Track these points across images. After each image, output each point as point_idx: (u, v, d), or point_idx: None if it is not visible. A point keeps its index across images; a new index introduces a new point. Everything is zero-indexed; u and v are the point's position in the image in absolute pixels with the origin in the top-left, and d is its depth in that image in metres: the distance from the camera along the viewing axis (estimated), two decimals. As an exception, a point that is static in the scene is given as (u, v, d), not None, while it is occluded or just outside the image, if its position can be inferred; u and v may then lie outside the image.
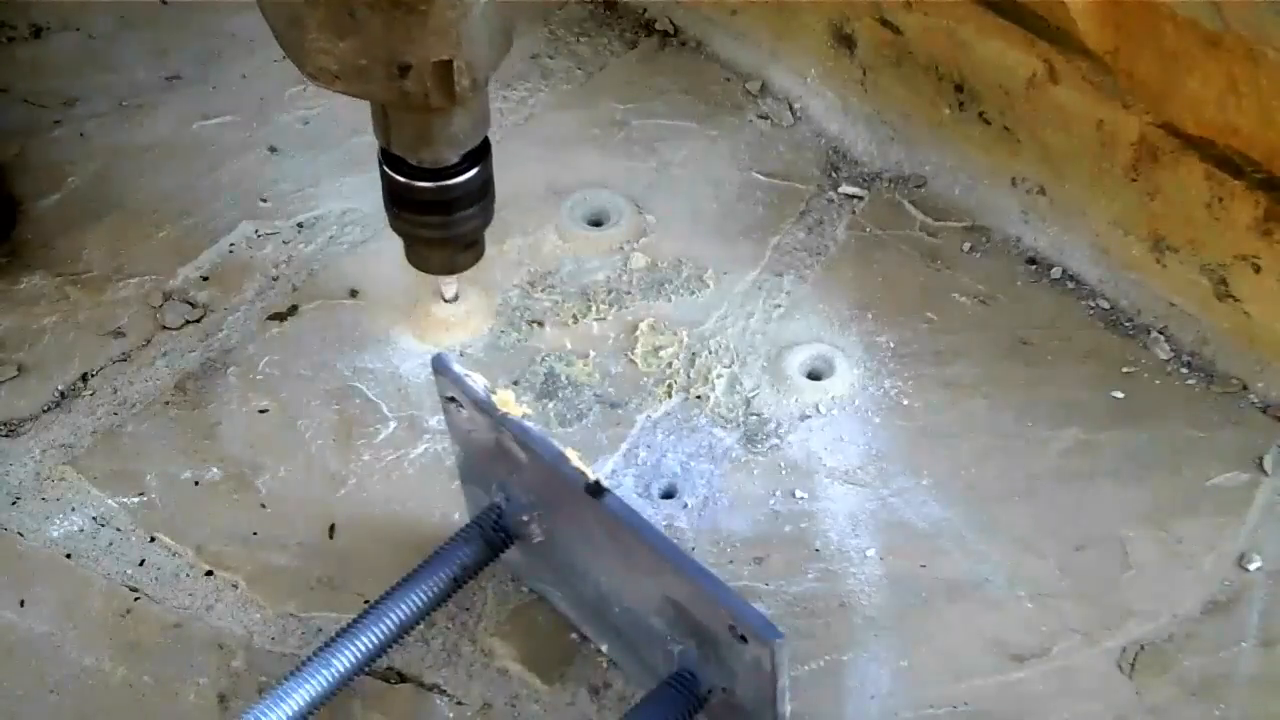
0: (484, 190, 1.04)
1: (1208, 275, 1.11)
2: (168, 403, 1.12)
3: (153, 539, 1.04)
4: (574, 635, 0.98)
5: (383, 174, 1.03)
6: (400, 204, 1.04)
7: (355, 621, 0.89)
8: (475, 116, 0.98)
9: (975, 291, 1.18)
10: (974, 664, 0.96)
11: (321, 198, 1.27)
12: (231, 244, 1.23)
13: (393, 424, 1.10)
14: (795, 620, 0.98)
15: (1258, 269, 1.08)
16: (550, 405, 1.11)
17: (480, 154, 1.01)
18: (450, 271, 1.10)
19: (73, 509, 1.06)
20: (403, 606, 0.90)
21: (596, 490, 0.83)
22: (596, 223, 1.24)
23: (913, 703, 0.94)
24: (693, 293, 1.19)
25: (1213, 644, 0.96)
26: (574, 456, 0.85)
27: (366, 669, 0.90)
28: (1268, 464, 1.05)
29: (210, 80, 1.37)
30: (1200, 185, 1.08)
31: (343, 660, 0.88)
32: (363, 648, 0.88)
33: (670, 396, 1.12)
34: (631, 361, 1.14)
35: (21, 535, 1.04)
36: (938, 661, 0.96)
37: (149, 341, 1.16)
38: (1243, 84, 1.00)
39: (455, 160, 1.00)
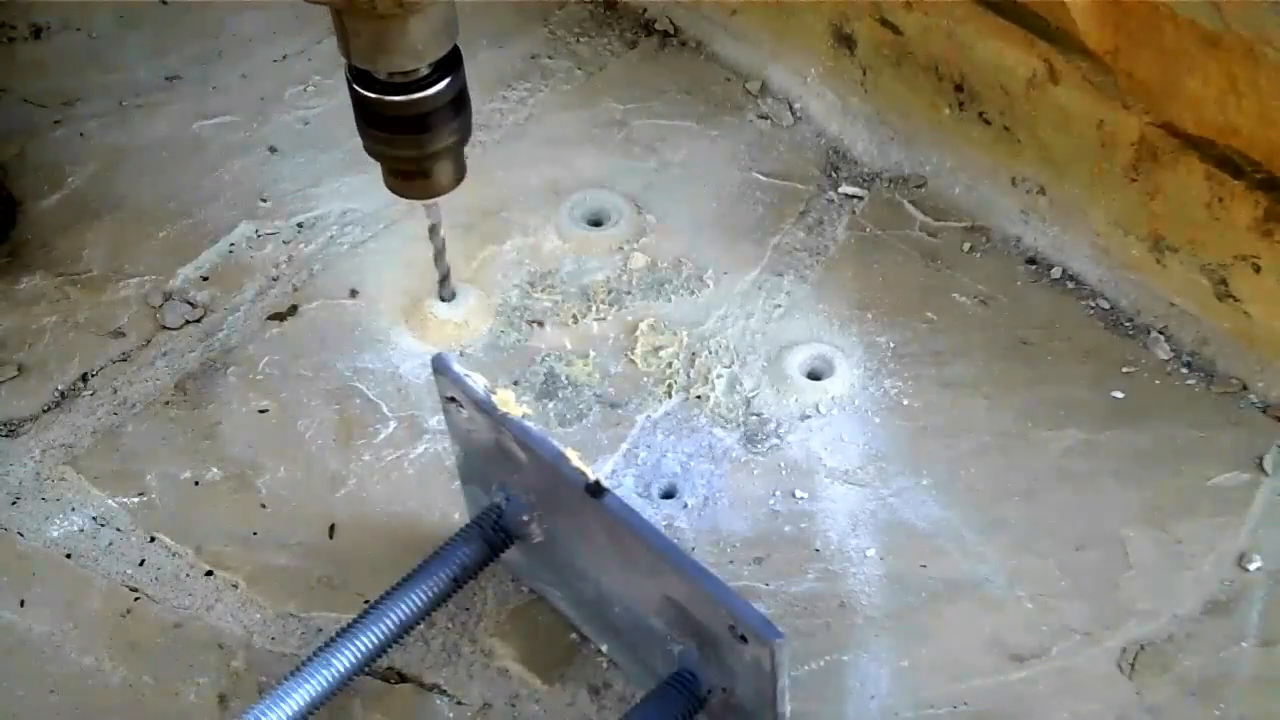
0: (458, 102, 0.98)
1: (1208, 275, 1.11)
2: (168, 403, 1.12)
3: (153, 539, 1.04)
4: (574, 635, 0.98)
5: (351, 91, 0.97)
6: (371, 122, 0.98)
7: (355, 621, 0.89)
8: (434, 24, 0.92)
9: (975, 291, 1.18)
10: (974, 664, 0.96)
11: (321, 198, 1.27)
12: (231, 244, 1.23)
13: (393, 424, 1.10)
14: (795, 620, 0.98)
15: (1258, 269, 1.08)
16: (550, 405, 1.11)
17: (450, 63, 0.96)
18: (429, 195, 1.04)
19: (73, 509, 1.06)
20: (403, 606, 0.90)
21: (596, 490, 0.83)
22: (596, 223, 1.24)
23: (913, 703, 0.94)
24: (693, 293, 1.19)
25: (1213, 644, 0.96)
26: (574, 456, 0.85)
27: (366, 669, 0.90)
28: (1268, 464, 1.05)
29: (210, 80, 1.37)
30: (1200, 185, 1.08)
31: (343, 660, 0.88)
32: (363, 648, 0.88)
33: (670, 396, 1.12)
34: (631, 361, 1.14)
35: (21, 535, 1.04)
36: (938, 661, 0.96)
37: (149, 341, 1.16)
38: (1243, 84, 1.00)
39: (424, 71, 0.94)
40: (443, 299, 1.15)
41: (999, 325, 1.16)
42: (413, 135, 0.98)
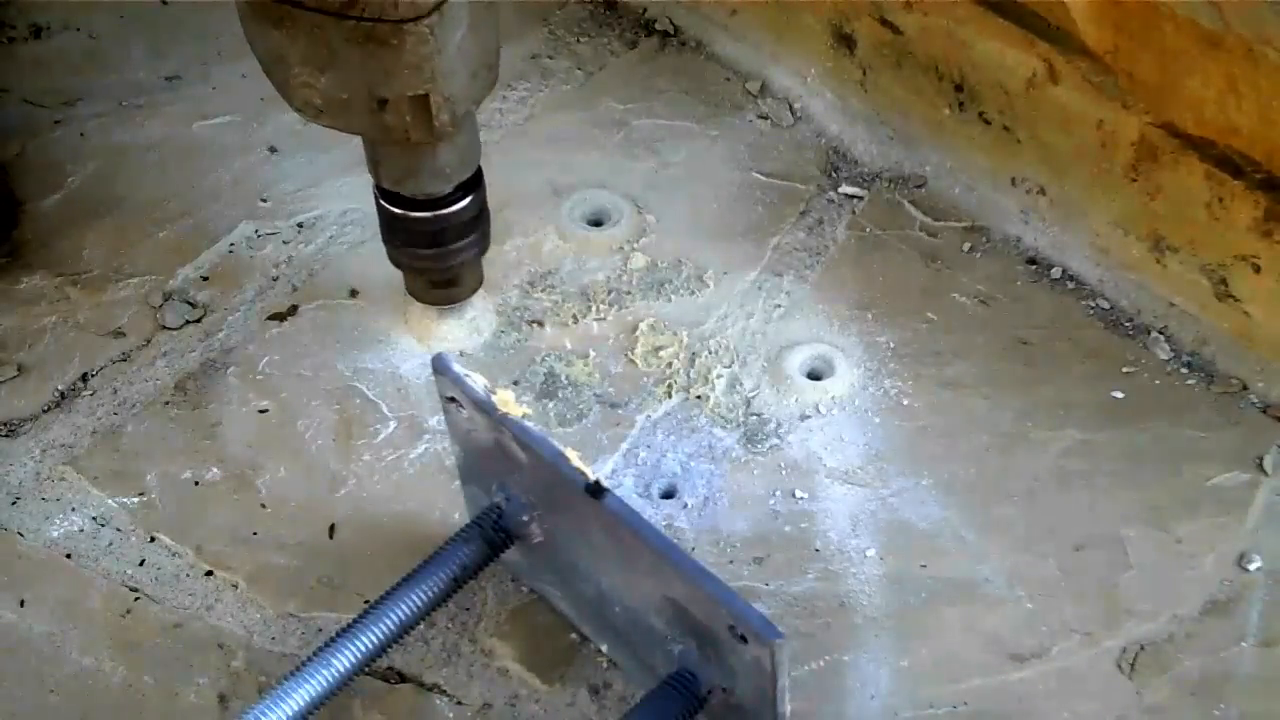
0: (478, 219, 1.05)
1: (1208, 275, 1.11)
2: (168, 403, 1.12)
3: (153, 539, 1.04)
4: (574, 635, 0.98)
5: (378, 207, 1.04)
6: (395, 235, 1.05)
7: (355, 621, 0.89)
8: (460, 150, 0.99)
9: (975, 291, 1.18)
10: (974, 664, 0.96)
11: (321, 198, 1.27)
12: (231, 244, 1.23)
13: (393, 424, 1.10)
14: (795, 620, 0.98)
15: (1258, 269, 1.08)
16: (550, 405, 1.11)
17: (473, 184, 1.02)
18: (448, 302, 1.12)
19: (73, 509, 1.06)
20: (403, 606, 0.90)
21: (596, 490, 0.83)
22: (596, 223, 1.24)
23: (913, 703, 0.94)
24: (693, 293, 1.19)
25: (1213, 644, 0.96)
26: (574, 456, 0.85)
27: (366, 669, 0.90)
28: (1268, 464, 1.05)
29: (210, 80, 1.37)
30: (1200, 185, 1.08)
31: (343, 660, 0.88)
32: (363, 648, 0.88)
33: (670, 396, 1.12)
34: (631, 361, 1.14)
35: (21, 535, 1.04)
36: (938, 661, 0.96)
37: (149, 341, 1.16)
38: (1243, 84, 1.00)
39: (447, 191, 1.01)
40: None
41: (999, 325, 1.16)
42: (434, 247, 1.05)
